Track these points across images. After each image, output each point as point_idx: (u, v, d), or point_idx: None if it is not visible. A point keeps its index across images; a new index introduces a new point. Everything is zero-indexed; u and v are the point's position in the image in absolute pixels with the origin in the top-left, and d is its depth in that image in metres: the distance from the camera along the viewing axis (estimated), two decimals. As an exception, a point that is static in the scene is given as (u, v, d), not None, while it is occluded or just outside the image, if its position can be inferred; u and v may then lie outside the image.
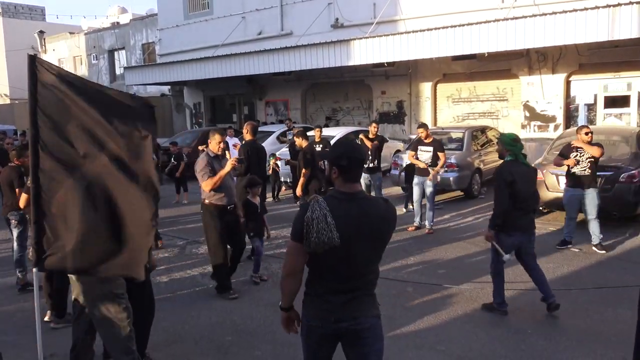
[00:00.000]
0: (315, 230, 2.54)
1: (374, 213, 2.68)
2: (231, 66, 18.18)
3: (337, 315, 2.70)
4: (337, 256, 2.62)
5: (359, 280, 2.72)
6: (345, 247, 2.60)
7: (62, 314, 5.44)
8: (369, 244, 2.68)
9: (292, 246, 2.71)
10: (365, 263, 2.72)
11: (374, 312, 2.78)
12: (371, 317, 2.76)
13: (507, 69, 15.33)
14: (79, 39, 33.38)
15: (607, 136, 9.67)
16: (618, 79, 13.94)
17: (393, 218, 2.78)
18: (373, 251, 2.73)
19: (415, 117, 17.36)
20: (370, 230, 2.65)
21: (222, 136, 6.16)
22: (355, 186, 2.70)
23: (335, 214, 2.57)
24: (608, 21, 10.98)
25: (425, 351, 4.67)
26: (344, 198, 2.67)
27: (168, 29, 23.99)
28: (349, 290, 2.71)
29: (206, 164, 5.91)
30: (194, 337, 5.14)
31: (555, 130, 14.40)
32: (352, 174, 2.69)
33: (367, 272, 2.75)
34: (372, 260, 2.75)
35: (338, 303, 2.70)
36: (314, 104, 20.78)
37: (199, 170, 5.92)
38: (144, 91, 28.69)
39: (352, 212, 2.63)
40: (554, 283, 6.25)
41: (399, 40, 14.22)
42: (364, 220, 2.64)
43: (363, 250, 2.67)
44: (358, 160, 2.69)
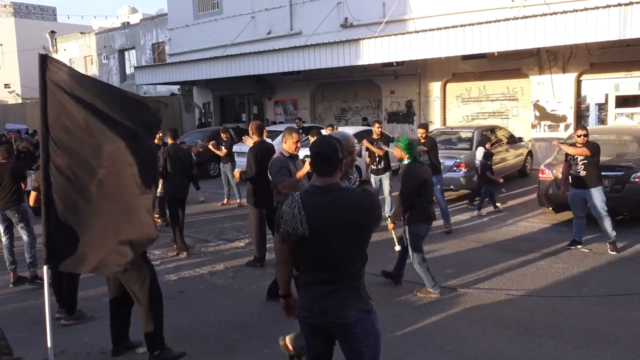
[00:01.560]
0: (284, 221, 2.71)
1: (348, 204, 2.74)
2: (240, 66, 18.22)
3: (321, 307, 2.77)
4: (315, 247, 2.74)
5: (340, 271, 2.76)
6: (319, 237, 2.71)
7: (73, 311, 5.47)
8: (346, 235, 2.72)
9: (275, 237, 2.95)
10: (344, 254, 2.76)
11: (360, 305, 2.79)
12: (357, 311, 2.77)
13: (517, 68, 15.24)
14: (90, 38, 33.61)
15: (619, 136, 9.60)
16: (629, 79, 13.82)
17: (370, 208, 2.80)
18: (351, 242, 2.76)
19: (424, 116, 17.31)
20: (344, 220, 2.71)
21: (299, 135, 5.82)
22: (328, 179, 2.77)
23: (306, 207, 2.70)
24: (619, 20, 10.88)
25: (433, 351, 4.66)
26: (317, 191, 2.79)
27: (178, 29, 24.09)
28: (332, 281, 2.77)
29: (283, 165, 5.53)
30: (202, 335, 5.16)
31: (566, 130, 14.30)
32: (321, 168, 2.80)
33: (347, 263, 2.77)
34: (351, 251, 2.77)
35: (322, 294, 2.77)
36: (323, 103, 20.78)
37: (275, 172, 5.51)
38: (154, 91, 28.84)
39: (324, 204, 2.73)
40: (563, 283, 6.22)
41: (408, 40, 14.18)
42: (336, 211, 2.72)
43: (340, 241, 2.73)
44: (321, 154, 2.79)
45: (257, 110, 23.21)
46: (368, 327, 2.82)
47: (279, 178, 5.46)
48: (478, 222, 9.45)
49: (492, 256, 7.50)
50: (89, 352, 4.85)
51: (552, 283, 6.24)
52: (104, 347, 4.89)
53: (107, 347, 4.86)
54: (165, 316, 5.61)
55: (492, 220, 9.56)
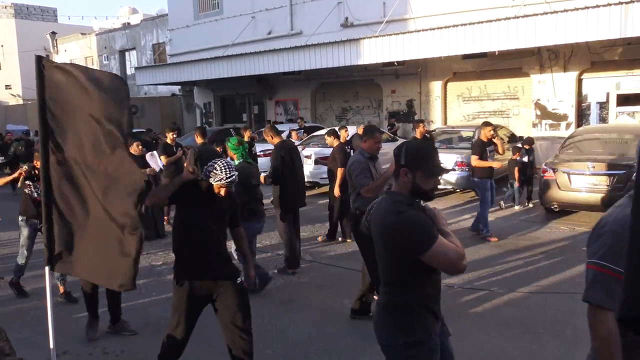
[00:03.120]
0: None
1: (380, 214, 2.61)
2: (241, 66, 18.22)
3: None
4: None
5: (382, 284, 2.67)
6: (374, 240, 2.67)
7: (118, 319, 5.28)
8: (377, 245, 2.63)
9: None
10: (380, 266, 2.67)
11: (390, 332, 2.59)
12: (387, 338, 2.60)
13: (518, 67, 15.23)
14: (91, 39, 33.64)
15: (620, 134, 9.60)
16: (631, 77, 13.80)
17: (384, 228, 2.60)
18: (379, 255, 2.63)
19: (425, 116, 17.29)
20: (375, 229, 2.63)
21: (381, 135, 5.42)
22: (394, 185, 2.67)
23: (374, 208, 2.69)
24: (620, 18, 10.87)
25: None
26: (382, 196, 2.75)
27: (178, 29, 24.10)
28: (380, 293, 2.73)
29: (364, 166, 5.08)
30: (204, 336, 5.15)
31: (567, 129, 14.28)
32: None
33: (383, 279, 2.66)
34: (381, 266, 2.65)
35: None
36: (324, 103, 20.77)
37: (357, 174, 5.04)
38: (155, 91, 28.86)
39: (376, 208, 2.67)
40: (565, 282, 6.21)
41: (409, 39, 14.17)
42: (375, 218, 2.65)
43: (376, 250, 2.65)
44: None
45: (257, 111, 23.22)
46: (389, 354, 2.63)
47: (361, 180, 4.98)
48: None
49: (493, 255, 7.50)
50: (92, 353, 4.85)
51: (554, 282, 6.23)
52: (106, 347, 4.89)
53: (109, 348, 4.86)
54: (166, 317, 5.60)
55: (493, 219, 9.55)
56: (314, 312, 5.64)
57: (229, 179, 3.78)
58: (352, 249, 8.00)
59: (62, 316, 5.47)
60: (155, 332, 5.11)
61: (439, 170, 2.65)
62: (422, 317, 2.55)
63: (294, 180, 6.95)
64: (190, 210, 3.85)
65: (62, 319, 5.42)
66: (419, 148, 2.61)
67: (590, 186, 8.50)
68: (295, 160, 7.07)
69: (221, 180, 3.76)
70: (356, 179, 5.03)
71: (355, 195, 5.15)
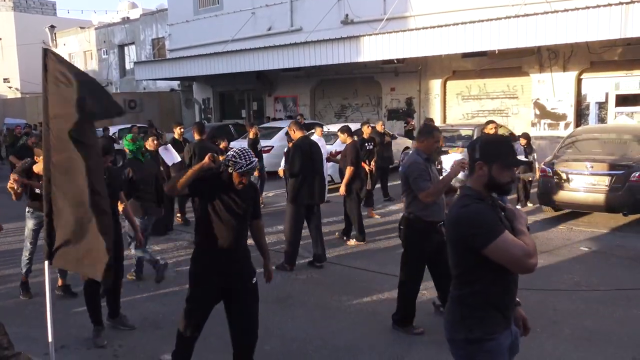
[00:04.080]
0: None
1: (452, 210, 2.61)
2: (240, 62, 18.20)
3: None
4: None
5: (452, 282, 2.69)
6: None
7: (116, 314, 5.25)
8: (448, 241, 2.64)
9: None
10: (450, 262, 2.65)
11: (454, 328, 2.64)
12: (450, 332, 2.70)
13: (518, 66, 15.24)
14: (90, 33, 33.54)
15: (619, 135, 9.61)
16: (630, 77, 13.82)
17: (453, 221, 2.56)
18: (449, 250, 2.62)
19: (424, 114, 17.30)
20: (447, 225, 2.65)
21: (440, 134, 5.13)
22: (468, 181, 2.63)
23: None
24: (620, 19, 10.88)
25: (433, 347, 4.66)
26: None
27: (178, 24, 24.04)
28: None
29: (423, 168, 4.66)
30: (203, 333, 5.14)
31: (566, 129, 14.31)
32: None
33: (453, 275, 2.65)
34: (451, 262, 2.64)
35: None
36: (323, 100, 20.77)
37: (415, 177, 4.60)
38: (154, 86, 28.81)
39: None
40: (563, 282, 6.23)
41: (409, 37, 14.17)
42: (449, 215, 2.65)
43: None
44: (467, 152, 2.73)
45: (257, 107, 23.21)
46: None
47: (420, 184, 4.57)
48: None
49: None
50: (90, 347, 4.85)
51: (552, 282, 6.24)
52: (105, 342, 4.89)
53: (107, 343, 4.86)
54: (165, 312, 5.63)
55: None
56: (313, 309, 5.65)
57: (249, 165, 3.72)
58: (352, 248, 8.01)
59: (60, 310, 5.46)
60: (153, 327, 5.12)
61: (515, 162, 2.68)
62: (485, 314, 2.50)
63: (313, 176, 6.87)
64: (213, 204, 3.80)
65: (61, 313, 5.41)
66: (494, 141, 2.65)
67: (588, 186, 8.51)
68: (315, 156, 6.98)
69: (242, 168, 3.69)
70: (414, 182, 4.62)
71: (411, 198, 4.76)
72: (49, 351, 3.86)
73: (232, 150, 3.83)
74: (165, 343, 4.86)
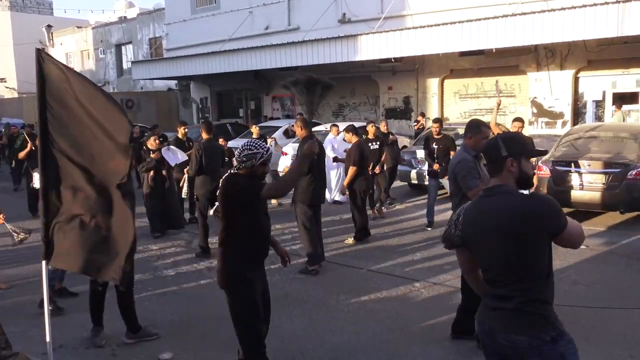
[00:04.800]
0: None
1: (498, 208, 2.45)
2: (238, 61, 18.18)
3: (490, 324, 2.50)
4: (478, 256, 2.57)
5: (508, 287, 2.43)
6: (475, 245, 2.54)
7: (137, 329, 4.95)
8: (498, 243, 2.41)
9: None
10: (504, 266, 2.43)
11: (532, 332, 2.39)
12: (529, 337, 2.38)
13: (515, 65, 15.26)
14: (87, 33, 33.47)
15: (616, 133, 9.63)
16: (627, 76, 13.85)
17: (525, 213, 2.38)
18: (508, 251, 2.40)
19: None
20: (492, 226, 2.43)
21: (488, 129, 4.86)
22: (494, 181, 2.54)
23: (468, 210, 2.58)
24: (617, 17, 10.90)
25: (432, 346, 4.68)
26: (483, 194, 2.58)
27: (175, 24, 24.01)
28: (501, 297, 2.46)
29: (472, 166, 4.47)
30: (201, 331, 5.16)
31: (563, 127, 14.33)
32: (488, 169, 2.66)
33: (509, 279, 2.43)
34: (511, 264, 2.41)
35: (491, 309, 2.51)
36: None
37: (464, 175, 4.42)
38: (151, 86, 28.79)
39: (481, 207, 2.53)
40: (560, 280, 6.24)
41: (406, 36, 14.17)
42: (486, 215, 2.47)
43: (495, 250, 2.44)
44: (483, 153, 2.69)
45: (254, 106, 23.20)
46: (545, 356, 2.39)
47: (469, 182, 4.35)
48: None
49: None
50: (88, 347, 4.84)
51: (550, 279, 6.25)
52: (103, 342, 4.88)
53: (106, 343, 4.85)
54: (163, 312, 5.64)
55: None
56: (311, 308, 5.65)
57: (268, 151, 3.65)
58: (350, 247, 8.02)
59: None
60: (151, 326, 5.11)
61: (538, 151, 2.76)
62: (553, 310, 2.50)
63: (317, 175, 6.81)
64: (258, 210, 3.67)
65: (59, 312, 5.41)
66: (513, 135, 2.73)
67: (585, 184, 8.52)
68: (320, 156, 6.86)
69: (263, 156, 3.60)
70: (462, 180, 4.40)
71: (460, 198, 4.48)
72: (47, 351, 3.85)
73: (242, 146, 3.64)
74: (163, 342, 4.87)
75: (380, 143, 9.87)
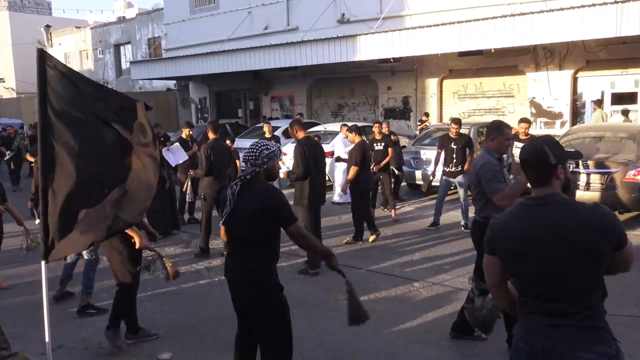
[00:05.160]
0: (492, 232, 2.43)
1: (567, 220, 2.24)
2: (237, 61, 18.17)
3: (546, 343, 2.28)
4: (517, 269, 2.37)
5: (567, 302, 2.26)
6: (520, 258, 2.33)
7: (136, 330, 4.98)
8: (565, 257, 2.23)
9: (484, 258, 2.56)
10: (568, 281, 2.25)
11: (599, 347, 2.25)
12: (596, 353, 2.23)
13: (514, 65, 15.26)
14: (85, 33, 33.45)
15: (614, 133, 9.65)
16: (625, 76, 13.86)
17: (600, 226, 2.22)
18: (575, 266, 2.22)
19: (421, 113, 17.31)
20: (560, 239, 2.23)
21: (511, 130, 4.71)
22: (544, 190, 2.33)
23: (516, 220, 2.36)
24: (616, 17, 10.91)
25: (430, 346, 4.68)
26: (532, 203, 2.36)
27: (174, 24, 23.99)
28: (558, 314, 2.28)
29: (497, 170, 4.35)
30: (200, 331, 5.16)
31: (562, 127, 14.34)
32: (531, 178, 2.41)
33: (574, 294, 2.25)
34: (577, 279, 2.24)
35: (545, 326, 2.30)
36: (320, 99, 20.76)
37: (489, 178, 4.28)
38: (150, 86, 28.78)
39: (537, 218, 2.30)
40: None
41: (405, 36, 14.17)
42: (546, 228, 2.27)
43: (555, 265, 2.25)
44: (527, 161, 2.40)
45: (253, 106, 23.18)
46: None
47: (494, 186, 4.24)
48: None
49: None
50: (87, 347, 4.85)
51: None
52: (101, 342, 4.88)
53: (104, 343, 4.85)
54: (162, 311, 5.64)
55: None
56: (310, 307, 5.65)
57: (278, 146, 3.58)
58: (348, 247, 8.03)
59: (57, 310, 5.46)
60: (150, 326, 5.11)
61: (574, 153, 2.71)
62: None
63: (316, 177, 6.75)
64: None
65: (57, 312, 5.41)
66: (552, 139, 2.47)
67: (584, 184, 8.54)
68: (318, 157, 6.84)
69: (278, 152, 3.53)
70: (487, 184, 4.27)
71: (484, 202, 4.40)
72: (46, 351, 3.85)
73: (255, 147, 3.47)
74: (162, 342, 4.87)
75: (386, 144, 9.85)
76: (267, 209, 3.34)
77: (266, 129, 12.39)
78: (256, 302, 3.44)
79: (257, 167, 3.40)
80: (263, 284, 3.45)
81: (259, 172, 3.42)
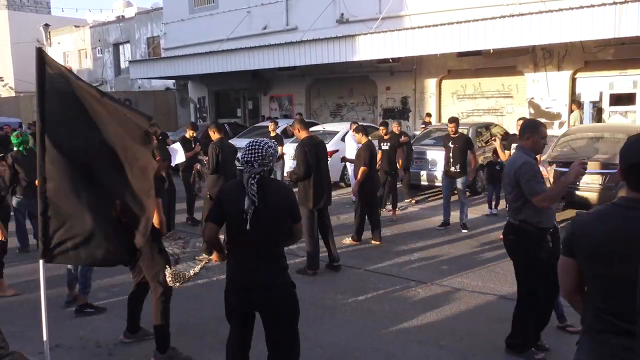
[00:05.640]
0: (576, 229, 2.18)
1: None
2: (236, 61, 18.17)
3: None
4: (608, 278, 2.05)
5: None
6: (618, 266, 2.02)
7: (137, 329, 4.98)
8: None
9: (561, 260, 2.32)
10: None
11: None
12: None
13: (513, 65, 15.28)
14: (84, 32, 33.40)
15: (612, 134, 9.66)
16: (624, 77, 13.88)
17: None
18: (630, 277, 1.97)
19: (420, 113, 17.34)
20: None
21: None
22: (635, 194, 2.11)
23: (609, 222, 2.10)
24: (614, 18, 10.92)
25: (428, 346, 4.69)
26: (629, 205, 2.10)
27: (173, 23, 23.98)
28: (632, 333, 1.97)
29: (537, 170, 4.17)
30: (198, 331, 5.16)
31: (560, 128, 14.36)
32: (636, 184, 2.15)
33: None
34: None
35: (623, 348, 1.97)
36: (319, 99, 20.77)
37: (529, 178, 4.06)
38: (149, 85, 28.74)
39: (634, 223, 2.05)
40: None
41: (404, 36, 14.18)
42: (635, 232, 2.02)
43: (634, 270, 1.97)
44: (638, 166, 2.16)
45: (252, 106, 23.18)
46: None
47: (535, 186, 4.04)
48: (472, 219, 9.48)
49: (487, 254, 7.54)
50: (85, 346, 4.85)
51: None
52: (99, 341, 4.89)
53: (102, 342, 4.86)
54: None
55: (488, 219, 9.62)
56: (308, 307, 5.64)
57: (276, 146, 3.58)
58: (347, 246, 8.03)
59: (55, 309, 5.46)
60: (149, 326, 5.10)
61: None
62: None
63: (319, 177, 6.65)
64: None
65: (55, 312, 5.41)
66: None
67: (582, 185, 8.55)
68: (321, 156, 6.74)
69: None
70: (527, 184, 4.05)
71: (521, 203, 4.18)
72: (44, 350, 3.85)
73: (260, 147, 3.38)
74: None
75: (392, 144, 9.82)
76: (291, 206, 3.41)
77: (271, 127, 12.37)
78: (284, 302, 3.43)
79: (264, 166, 3.36)
80: (288, 283, 3.46)
81: (264, 171, 3.38)
